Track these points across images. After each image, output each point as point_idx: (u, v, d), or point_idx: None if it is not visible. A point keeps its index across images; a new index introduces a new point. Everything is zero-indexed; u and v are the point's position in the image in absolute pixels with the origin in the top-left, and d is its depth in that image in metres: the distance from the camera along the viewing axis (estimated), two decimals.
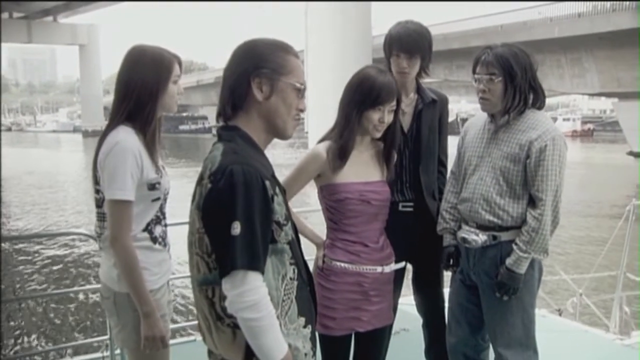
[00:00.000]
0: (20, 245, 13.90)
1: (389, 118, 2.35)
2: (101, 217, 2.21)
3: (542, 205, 2.41)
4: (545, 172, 2.40)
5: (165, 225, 2.28)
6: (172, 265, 2.36)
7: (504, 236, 2.50)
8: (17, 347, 8.32)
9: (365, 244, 2.39)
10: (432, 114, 2.79)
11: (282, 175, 2.37)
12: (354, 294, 2.39)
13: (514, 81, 2.41)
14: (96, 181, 2.19)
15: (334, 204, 2.37)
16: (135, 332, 2.15)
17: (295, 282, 1.66)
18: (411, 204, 2.76)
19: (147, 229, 2.19)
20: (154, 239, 2.20)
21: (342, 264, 2.37)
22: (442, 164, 2.89)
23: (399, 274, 2.65)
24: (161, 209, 2.26)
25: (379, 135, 2.38)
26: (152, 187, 2.16)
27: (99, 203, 2.20)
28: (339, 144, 2.35)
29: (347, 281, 2.38)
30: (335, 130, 2.41)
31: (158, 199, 2.20)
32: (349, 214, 2.36)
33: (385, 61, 2.78)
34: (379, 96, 2.31)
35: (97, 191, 2.20)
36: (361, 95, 2.33)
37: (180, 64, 2.24)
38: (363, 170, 2.40)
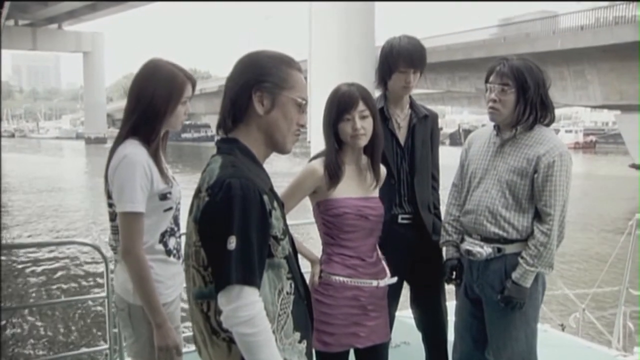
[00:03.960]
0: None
1: (363, 124, 2.32)
2: (115, 230, 2.22)
3: (551, 221, 2.43)
4: (554, 188, 2.42)
5: (180, 237, 2.28)
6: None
7: (509, 249, 2.50)
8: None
9: (362, 258, 2.38)
10: (424, 129, 2.84)
11: (283, 184, 2.36)
12: (352, 308, 2.37)
13: (526, 94, 2.43)
14: (108, 195, 2.21)
15: (332, 219, 2.36)
16: (150, 344, 2.17)
17: (292, 297, 1.64)
18: (410, 216, 2.78)
19: (162, 240, 2.20)
20: (168, 252, 2.22)
21: (341, 278, 2.36)
22: (435, 178, 2.91)
23: (396, 287, 2.64)
24: (176, 221, 2.27)
25: (362, 143, 2.36)
26: (164, 197, 2.18)
27: (113, 217, 2.22)
28: (325, 164, 2.36)
29: (345, 295, 2.36)
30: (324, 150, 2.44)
31: (170, 209, 2.21)
32: (347, 228, 2.36)
33: (379, 76, 2.79)
34: (339, 105, 2.34)
35: (110, 205, 2.21)
36: (328, 112, 2.38)
37: (193, 85, 2.25)
38: (359, 186, 2.40)
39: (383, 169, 2.51)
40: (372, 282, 2.39)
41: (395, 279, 2.48)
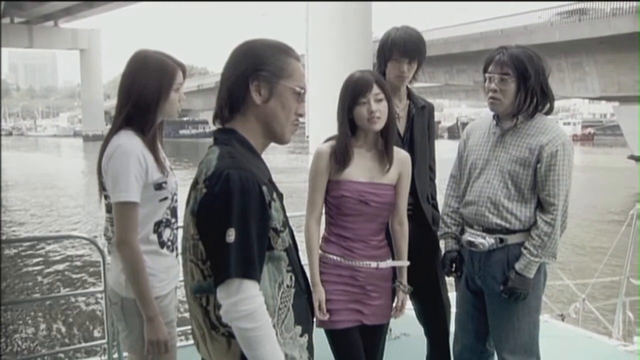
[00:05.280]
0: None
1: (378, 107, 2.33)
2: (111, 221, 2.20)
3: (555, 210, 2.41)
4: (557, 177, 2.40)
5: (177, 229, 2.26)
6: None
7: (511, 239, 2.49)
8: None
9: (362, 240, 2.41)
10: (422, 120, 2.84)
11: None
12: (351, 287, 2.41)
13: (527, 83, 2.40)
14: (103, 187, 2.20)
15: (332, 200, 2.40)
16: (142, 338, 2.16)
17: (293, 290, 1.61)
18: (410, 207, 2.74)
19: (157, 231, 2.18)
20: (161, 243, 2.20)
21: (335, 257, 2.41)
22: (431, 169, 2.91)
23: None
24: (173, 212, 2.25)
25: (378, 127, 2.37)
26: (159, 187, 2.16)
27: (108, 208, 2.21)
28: (335, 148, 2.39)
29: (340, 274, 2.41)
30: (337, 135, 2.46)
31: (165, 198, 2.20)
32: (346, 211, 2.38)
33: (378, 65, 2.79)
34: (354, 89, 2.35)
35: (105, 197, 2.20)
36: (343, 97, 2.40)
37: (184, 71, 2.25)
38: (368, 170, 2.41)
39: (407, 155, 2.52)
40: (371, 264, 2.42)
41: (403, 262, 2.50)
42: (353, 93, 2.35)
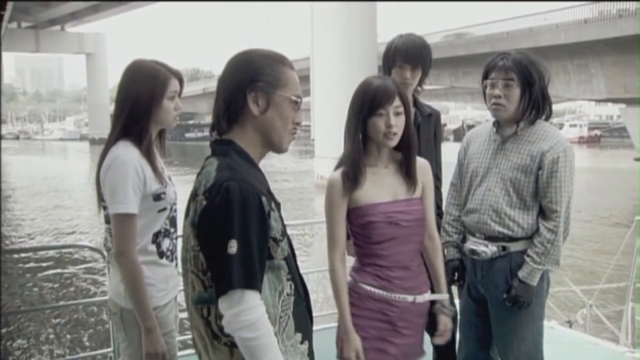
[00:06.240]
0: None
1: (397, 121, 2.10)
2: (110, 232, 2.20)
3: (557, 217, 2.40)
4: (559, 184, 2.38)
5: (176, 239, 2.25)
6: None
7: (513, 247, 2.47)
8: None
9: (402, 267, 2.16)
10: (428, 128, 2.82)
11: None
12: (378, 322, 2.16)
13: (532, 88, 2.39)
14: (101, 198, 2.19)
15: (358, 229, 2.16)
16: (142, 348, 2.15)
17: (292, 298, 1.62)
18: None
19: (156, 241, 2.18)
20: (160, 254, 2.20)
21: (370, 288, 2.15)
22: (437, 177, 2.86)
23: None
24: (172, 222, 2.25)
25: (393, 143, 2.14)
26: (157, 197, 2.16)
27: (107, 219, 2.21)
28: (348, 165, 2.15)
29: (369, 307, 2.15)
30: (345, 150, 2.23)
31: (164, 209, 2.20)
32: (377, 238, 2.13)
33: (383, 72, 2.78)
34: (374, 99, 2.10)
35: (104, 207, 2.20)
36: (360, 104, 2.14)
37: (180, 80, 2.24)
38: (388, 188, 2.18)
39: (425, 162, 2.29)
40: (408, 298, 2.16)
41: (442, 296, 2.27)
42: (372, 102, 2.10)
